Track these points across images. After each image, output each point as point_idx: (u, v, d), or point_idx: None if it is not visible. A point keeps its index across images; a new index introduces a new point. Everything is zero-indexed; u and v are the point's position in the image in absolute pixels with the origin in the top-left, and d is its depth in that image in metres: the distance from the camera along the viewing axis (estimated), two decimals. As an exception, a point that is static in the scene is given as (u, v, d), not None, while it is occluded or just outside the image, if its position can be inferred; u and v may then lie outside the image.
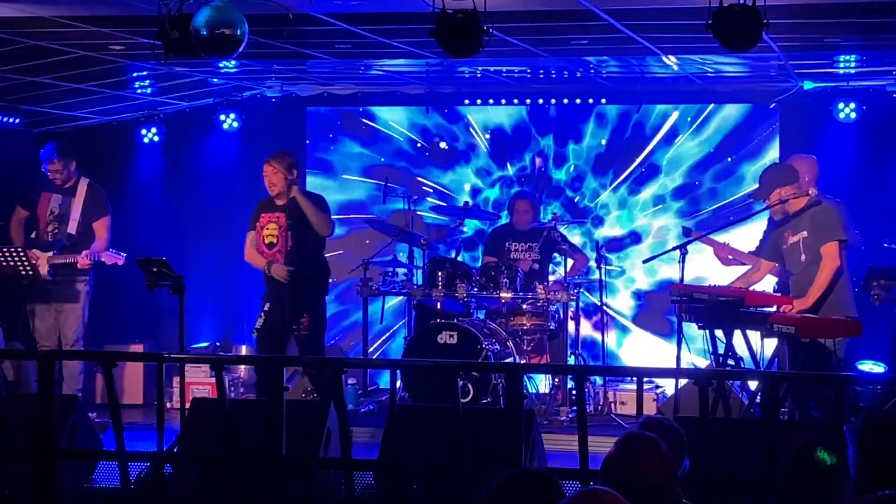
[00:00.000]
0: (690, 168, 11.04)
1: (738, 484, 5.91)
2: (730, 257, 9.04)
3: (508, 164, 11.46)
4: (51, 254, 9.37)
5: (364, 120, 11.65)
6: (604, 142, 11.22)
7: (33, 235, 9.56)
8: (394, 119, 11.62)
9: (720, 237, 9.09)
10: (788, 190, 7.91)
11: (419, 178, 11.55)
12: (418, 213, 11.25)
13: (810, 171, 8.83)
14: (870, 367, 9.39)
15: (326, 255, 9.20)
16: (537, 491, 3.20)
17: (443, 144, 11.50)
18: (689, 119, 11.04)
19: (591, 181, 11.30)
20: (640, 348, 11.17)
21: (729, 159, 10.94)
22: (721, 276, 9.14)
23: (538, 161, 11.37)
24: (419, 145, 11.58)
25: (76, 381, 9.10)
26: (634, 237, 11.27)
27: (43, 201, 9.59)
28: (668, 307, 10.67)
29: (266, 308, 8.70)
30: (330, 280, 9.24)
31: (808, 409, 7.45)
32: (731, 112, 10.97)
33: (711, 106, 10.99)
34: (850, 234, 8.28)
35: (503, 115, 11.46)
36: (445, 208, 11.04)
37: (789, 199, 7.88)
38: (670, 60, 9.19)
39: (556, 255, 10.34)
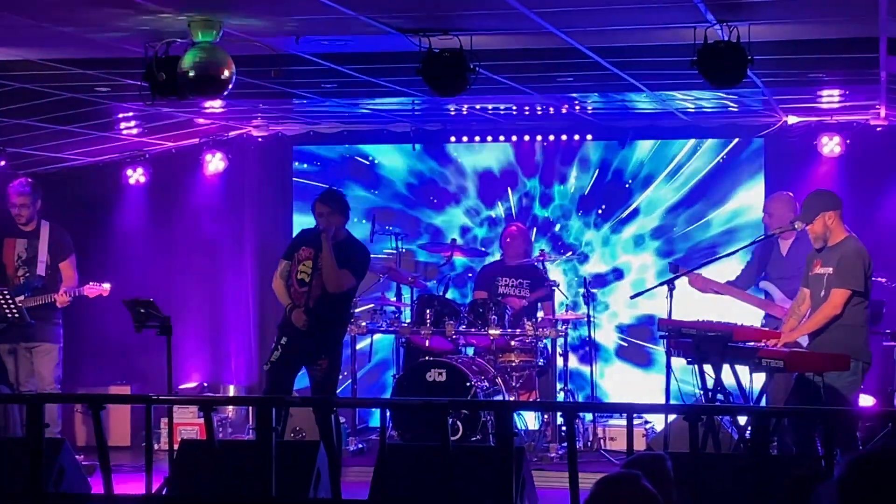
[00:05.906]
0: (671, 207, 11.12)
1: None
2: (712, 290, 9.06)
3: (498, 203, 11.52)
4: (22, 297, 9.28)
5: (359, 159, 11.70)
6: (587, 183, 11.31)
7: None
8: (389, 162, 11.68)
9: (705, 271, 9.09)
10: (832, 216, 7.67)
11: (413, 219, 11.60)
12: (408, 251, 11.25)
13: (790, 209, 8.85)
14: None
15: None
16: None
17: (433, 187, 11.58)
18: (672, 156, 11.10)
19: (575, 220, 11.35)
20: (622, 380, 11.23)
21: (712, 195, 11.00)
22: (701, 311, 9.07)
23: (524, 201, 11.43)
24: (413, 187, 11.64)
25: (55, 423, 8.99)
26: (617, 273, 11.32)
27: (7, 247, 9.53)
28: (649, 340, 10.79)
29: (283, 342, 8.30)
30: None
31: (800, 443, 7.43)
32: (714, 147, 11.02)
33: (694, 141, 11.05)
34: (869, 284, 7.75)
35: (492, 158, 11.53)
36: (433, 245, 11.04)
37: (832, 227, 7.65)
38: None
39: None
